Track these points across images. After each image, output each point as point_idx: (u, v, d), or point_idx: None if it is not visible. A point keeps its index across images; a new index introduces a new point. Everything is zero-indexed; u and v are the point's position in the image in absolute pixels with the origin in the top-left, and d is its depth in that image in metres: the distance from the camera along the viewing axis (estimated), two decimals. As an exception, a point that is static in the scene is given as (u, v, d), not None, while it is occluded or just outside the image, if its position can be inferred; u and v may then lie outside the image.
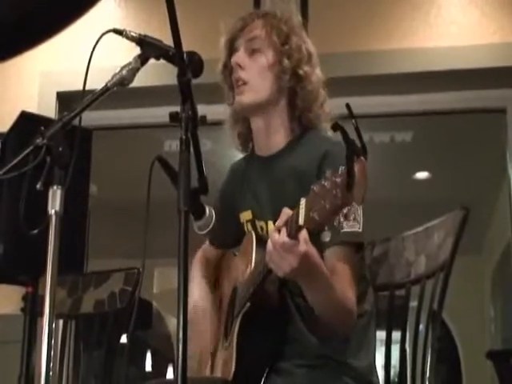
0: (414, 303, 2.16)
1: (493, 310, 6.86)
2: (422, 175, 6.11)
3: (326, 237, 1.57)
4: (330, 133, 2.13)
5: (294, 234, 1.69)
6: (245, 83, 2.12)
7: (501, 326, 6.52)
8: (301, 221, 1.60)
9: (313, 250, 1.75)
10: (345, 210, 1.52)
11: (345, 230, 1.92)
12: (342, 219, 1.55)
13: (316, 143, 2.09)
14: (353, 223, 1.92)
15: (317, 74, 2.16)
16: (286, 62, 2.12)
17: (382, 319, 2.20)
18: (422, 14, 3.77)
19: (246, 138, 2.27)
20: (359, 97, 3.77)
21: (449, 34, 3.73)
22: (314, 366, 2.02)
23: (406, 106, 3.92)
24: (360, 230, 1.95)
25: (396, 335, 2.19)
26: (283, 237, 1.72)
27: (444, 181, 5.98)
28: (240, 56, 2.14)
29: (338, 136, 1.48)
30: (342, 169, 1.47)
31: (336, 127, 1.47)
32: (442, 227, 2.17)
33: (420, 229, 2.27)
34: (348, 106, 1.48)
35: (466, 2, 3.77)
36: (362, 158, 1.46)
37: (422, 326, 2.12)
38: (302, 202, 1.61)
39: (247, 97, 2.12)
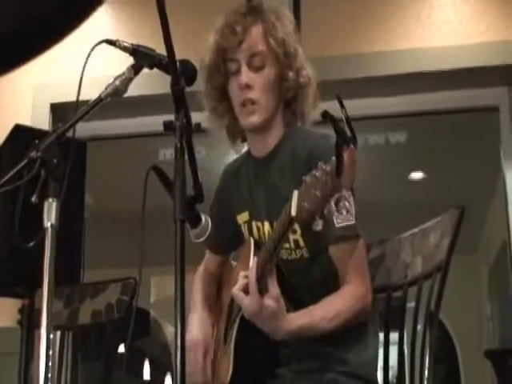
0: (411, 304, 2.17)
1: (490, 308, 6.86)
2: (416, 175, 6.11)
3: (318, 226, 1.58)
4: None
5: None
6: (254, 103, 2.11)
7: (498, 325, 6.52)
8: (293, 211, 1.61)
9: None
10: (335, 197, 1.54)
11: (339, 225, 1.94)
12: (333, 207, 1.56)
13: (303, 140, 2.10)
14: (346, 216, 1.94)
15: (312, 73, 2.16)
16: (289, 74, 2.11)
17: (380, 321, 2.20)
18: (413, 14, 3.78)
19: (233, 131, 2.24)
20: (352, 99, 3.77)
21: (441, 34, 3.74)
22: (311, 371, 2.03)
23: (400, 106, 3.93)
24: (353, 222, 1.97)
25: (394, 336, 2.19)
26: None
27: (439, 180, 5.98)
28: (248, 76, 2.11)
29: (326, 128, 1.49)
30: (332, 158, 1.49)
31: (326, 116, 1.48)
32: (438, 228, 2.17)
33: (416, 230, 2.27)
34: (338, 98, 1.49)
35: (457, 1, 3.77)
36: (352, 146, 1.47)
37: (419, 327, 2.13)
38: (295, 193, 1.62)
39: (259, 117, 2.11)
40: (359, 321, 2.03)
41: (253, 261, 1.96)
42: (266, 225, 2.13)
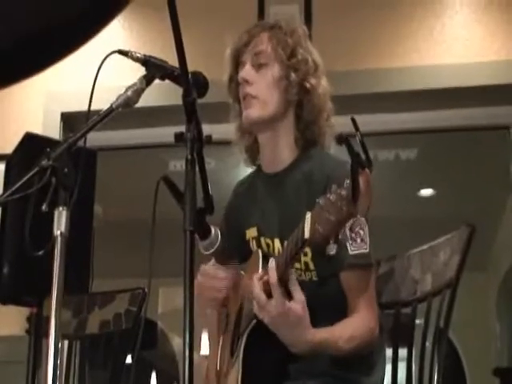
0: (420, 320, 2.15)
1: (498, 326, 6.83)
2: (426, 192, 6.10)
3: (332, 249, 1.57)
4: (332, 150, 2.14)
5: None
6: (253, 97, 2.12)
7: (507, 343, 6.48)
8: (307, 233, 1.60)
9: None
10: (350, 222, 1.53)
11: (352, 252, 1.92)
12: (348, 233, 1.56)
13: (321, 164, 2.08)
14: (360, 244, 1.92)
15: (323, 85, 2.16)
16: (292, 75, 2.11)
17: (388, 337, 2.19)
18: (426, 31, 3.78)
19: (252, 152, 2.26)
20: (363, 115, 3.77)
21: (453, 52, 3.74)
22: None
23: (411, 123, 3.92)
24: (367, 251, 1.95)
25: (402, 353, 2.18)
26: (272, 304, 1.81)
27: (449, 198, 5.97)
28: (247, 71, 2.14)
29: (342, 153, 1.49)
30: (346, 182, 1.48)
31: (341, 140, 1.48)
32: (448, 245, 2.17)
33: (425, 247, 2.26)
34: (353, 119, 1.49)
35: (470, 20, 3.77)
36: (367, 170, 1.46)
37: (428, 344, 2.12)
38: (308, 215, 1.61)
39: (255, 111, 2.12)
40: (366, 351, 2.01)
41: (262, 268, 1.95)
42: (277, 242, 2.11)
